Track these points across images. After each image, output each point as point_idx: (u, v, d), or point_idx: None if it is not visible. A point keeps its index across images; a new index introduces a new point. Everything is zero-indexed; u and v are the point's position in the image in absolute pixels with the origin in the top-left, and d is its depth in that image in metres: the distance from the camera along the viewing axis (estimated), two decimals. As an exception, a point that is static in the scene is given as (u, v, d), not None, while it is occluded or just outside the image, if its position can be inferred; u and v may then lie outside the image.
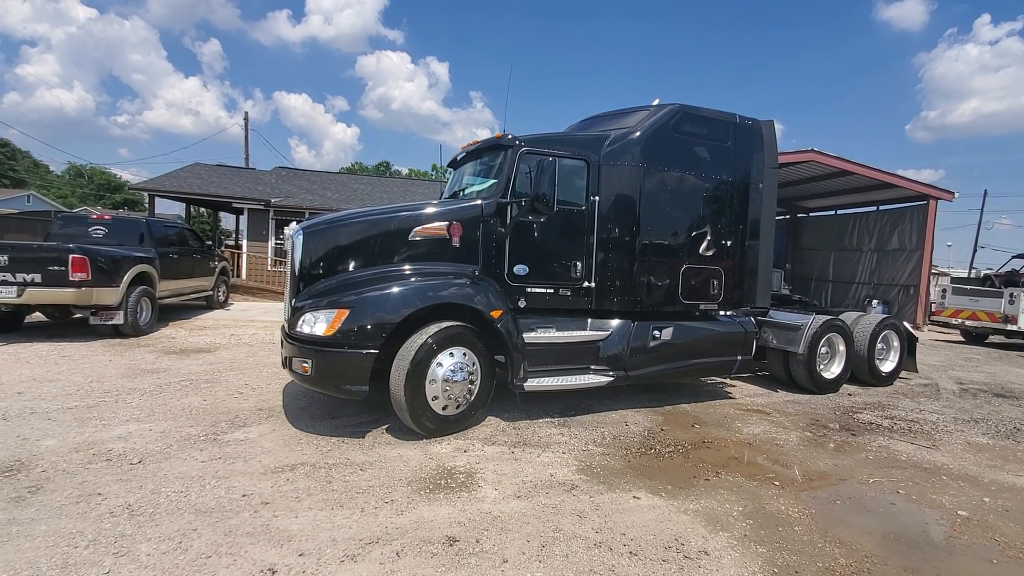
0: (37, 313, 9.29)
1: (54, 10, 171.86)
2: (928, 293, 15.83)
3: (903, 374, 8.22)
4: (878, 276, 17.21)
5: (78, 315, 8.87)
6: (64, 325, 9.48)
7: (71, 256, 7.85)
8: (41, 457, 3.87)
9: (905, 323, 8.31)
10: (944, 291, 14.56)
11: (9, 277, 7.65)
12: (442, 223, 5.07)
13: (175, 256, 10.82)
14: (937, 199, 15.77)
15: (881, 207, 17.52)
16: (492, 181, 5.43)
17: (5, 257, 7.66)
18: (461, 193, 6.01)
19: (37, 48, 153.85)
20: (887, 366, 7.90)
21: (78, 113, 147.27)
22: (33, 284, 7.74)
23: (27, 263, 7.74)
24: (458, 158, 6.35)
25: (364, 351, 4.42)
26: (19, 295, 7.69)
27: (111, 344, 8.07)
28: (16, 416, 4.70)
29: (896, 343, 7.99)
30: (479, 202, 5.23)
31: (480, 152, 5.86)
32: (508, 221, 5.19)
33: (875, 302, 16.42)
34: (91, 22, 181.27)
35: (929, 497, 3.97)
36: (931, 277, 16.57)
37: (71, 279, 7.83)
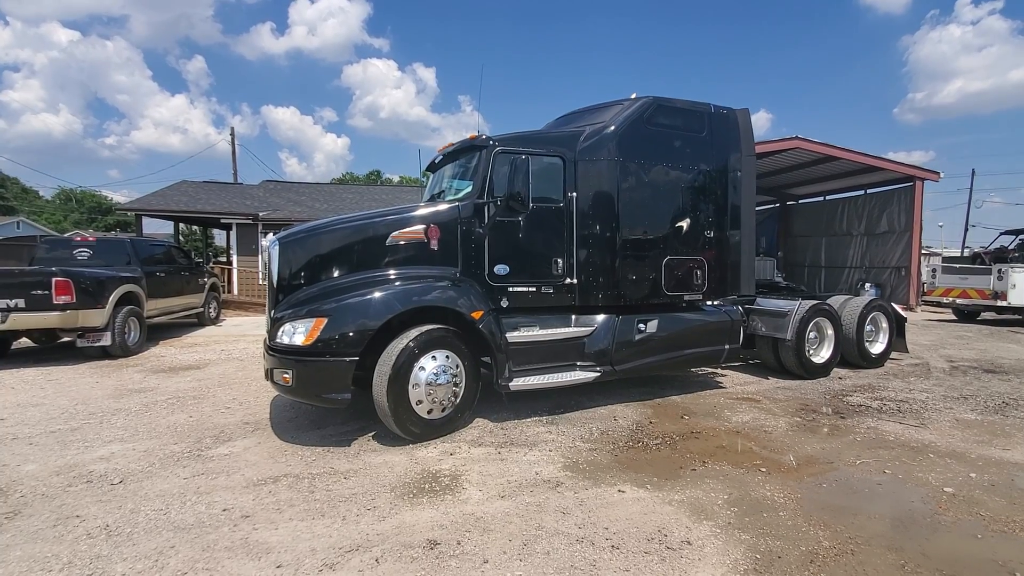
0: (24, 339, 9.24)
1: (35, 35, 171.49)
2: (919, 274, 15.88)
3: (894, 355, 8.24)
4: (869, 259, 17.25)
5: (65, 338, 8.82)
6: (52, 349, 9.42)
7: (54, 279, 7.79)
8: (21, 482, 3.83)
9: (893, 304, 8.32)
10: (934, 271, 14.61)
11: (-8, 304, 7.58)
12: (420, 227, 5.06)
13: (162, 274, 10.76)
14: (923, 180, 15.83)
15: (869, 191, 17.58)
16: (469, 182, 5.42)
17: (-13, 283, 7.60)
18: (441, 196, 5.99)
19: (20, 73, 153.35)
20: (877, 348, 7.91)
21: (65, 137, 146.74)
22: (17, 309, 7.68)
23: (9, 288, 7.67)
24: (436, 161, 6.34)
25: (345, 359, 4.40)
26: (3, 321, 7.62)
27: (99, 366, 8.02)
28: (-3, 442, 4.66)
29: (885, 324, 7.99)
30: (456, 204, 5.21)
31: (457, 154, 5.85)
32: (486, 221, 5.18)
33: (868, 285, 16.48)
34: (73, 45, 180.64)
35: (916, 475, 3.97)
36: (922, 257, 16.62)
37: (55, 302, 7.77)
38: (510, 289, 5.32)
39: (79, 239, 10.60)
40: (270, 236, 5.27)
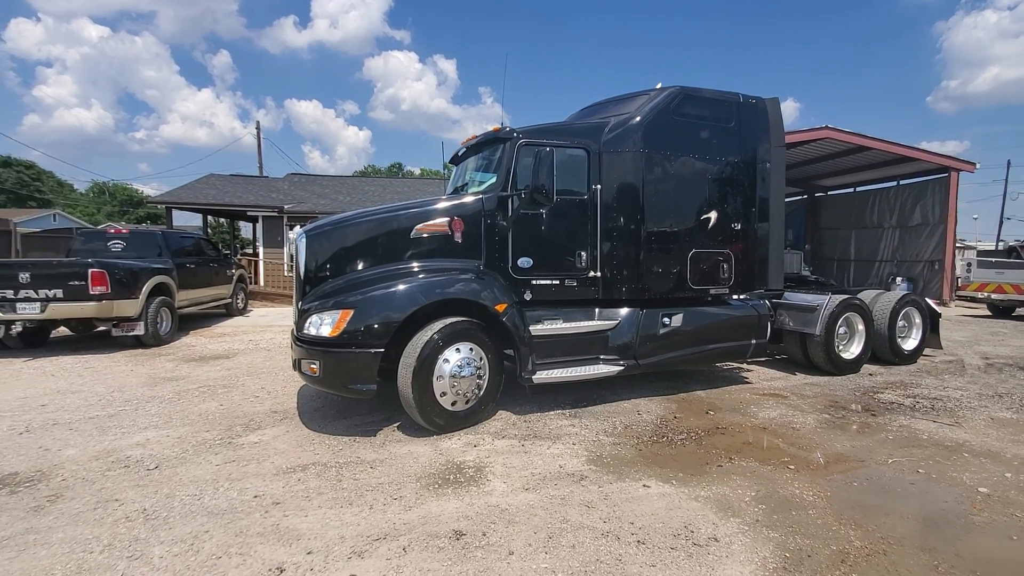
0: (63, 328, 9.56)
1: (67, 31, 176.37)
2: (953, 268, 15.41)
3: (927, 351, 8.02)
4: (901, 253, 16.79)
5: (101, 328, 9.10)
6: (88, 338, 9.72)
7: (90, 270, 8.03)
8: (62, 466, 3.98)
9: (927, 299, 8.09)
10: (969, 265, 14.14)
11: (32, 294, 7.87)
12: (443, 219, 5.08)
13: (192, 266, 11.01)
14: (958, 171, 15.31)
15: (901, 182, 17.08)
16: (493, 175, 5.42)
17: (27, 274, 7.88)
18: (464, 188, 6.00)
19: (53, 69, 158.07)
20: (909, 344, 7.71)
21: (97, 131, 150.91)
22: (55, 299, 7.95)
23: (48, 279, 7.95)
24: (459, 153, 6.35)
25: (370, 350, 4.45)
26: (42, 311, 7.90)
27: (133, 355, 8.26)
28: (39, 428, 4.84)
29: (918, 320, 7.78)
30: (479, 196, 5.21)
31: (480, 146, 5.84)
32: (510, 214, 5.17)
33: (899, 279, 16.04)
34: (104, 41, 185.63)
35: (950, 475, 3.87)
36: (956, 251, 16.10)
37: (91, 293, 8.02)
38: (534, 282, 5.31)
39: (113, 231, 10.89)
40: (297, 228, 5.34)
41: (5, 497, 3.48)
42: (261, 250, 20.57)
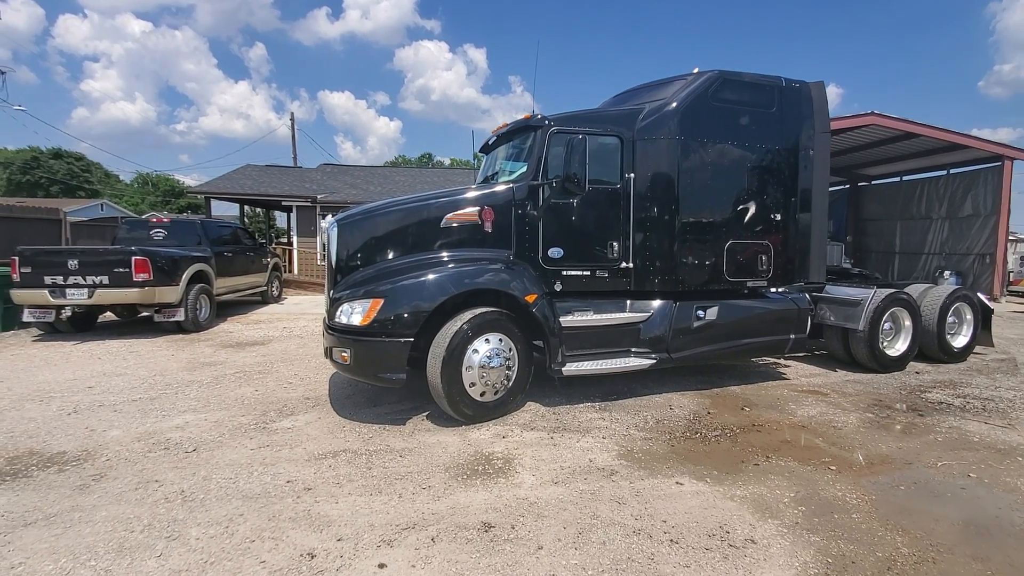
0: (109, 313, 9.94)
1: (112, 26, 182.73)
2: (1005, 261, 14.61)
3: (978, 349, 7.63)
4: (950, 245, 16.00)
5: (144, 313, 9.43)
6: (132, 323, 10.09)
7: (134, 258, 8.32)
8: (106, 447, 4.12)
9: (980, 294, 7.68)
10: (1022, 259, 13.38)
11: (80, 280, 8.20)
12: (473, 209, 5.03)
13: (230, 255, 11.29)
14: (1013, 159, 14.46)
15: (951, 171, 16.25)
16: (524, 164, 5.34)
17: (76, 262, 8.21)
18: (494, 177, 5.94)
19: (100, 63, 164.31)
20: (959, 341, 7.34)
21: (141, 124, 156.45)
22: (102, 286, 8.27)
23: (95, 266, 8.26)
24: (490, 142, 6.28)
25: (400, 339, 4.46)
26: (90, 296, 8.23)
27: (174, 340, 8.53)
28: (86, 409, 5.03)
29: (969, 316, 7.40)
30: (510, 186, 5.15)
31: (511, 135, 5.77)
32: (540, 203, 5.10)
33: (947, 273, 15.32)
34: (146, 35, 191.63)
35: (1003, 480, 3.66)
36: (1009, 244, 15.25)
37: (135, 280, 8.31)
38: (564, 273, 5.24)
39: (155, 220, 11.24)
40: (329, 218, 5.38)
41: (54, 475, 3.62)
42: (295, 239, 20.97)
